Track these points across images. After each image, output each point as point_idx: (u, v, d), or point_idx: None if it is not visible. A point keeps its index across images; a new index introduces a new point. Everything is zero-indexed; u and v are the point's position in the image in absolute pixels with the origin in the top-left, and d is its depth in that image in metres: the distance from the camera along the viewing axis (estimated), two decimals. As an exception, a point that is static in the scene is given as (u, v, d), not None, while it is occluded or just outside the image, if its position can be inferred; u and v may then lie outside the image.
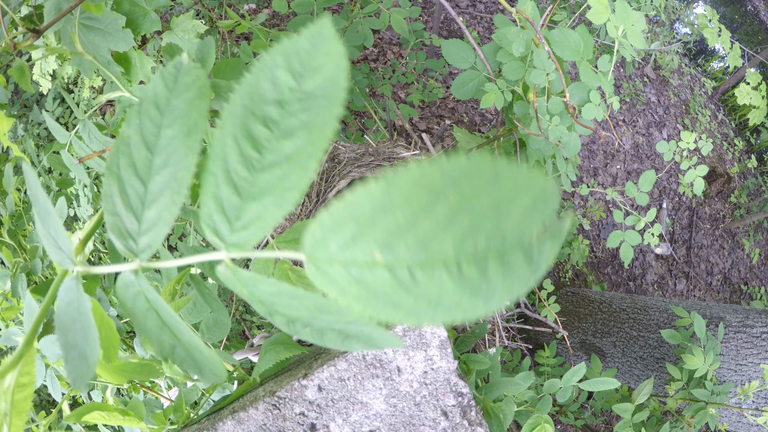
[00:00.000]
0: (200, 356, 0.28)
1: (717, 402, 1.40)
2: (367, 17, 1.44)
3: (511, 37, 1.00)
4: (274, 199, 0.25)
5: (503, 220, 0.20)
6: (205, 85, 0.27)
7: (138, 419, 0.67)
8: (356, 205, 0.22)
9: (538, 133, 1.05)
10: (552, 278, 3.00)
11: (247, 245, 0.26)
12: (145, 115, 0.28)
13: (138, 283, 0.29)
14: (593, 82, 1.05)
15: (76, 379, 0.28)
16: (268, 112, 0.25)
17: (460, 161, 0.21)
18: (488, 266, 0.21)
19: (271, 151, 0.25)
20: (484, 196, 0.20)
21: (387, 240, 0.22)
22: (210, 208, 0.26)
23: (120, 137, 0.28)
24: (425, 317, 0.22)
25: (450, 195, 0.21)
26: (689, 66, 4.37)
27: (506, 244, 0.21)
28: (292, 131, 0.25)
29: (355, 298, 0.23)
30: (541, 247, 0.20)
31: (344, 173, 1.38)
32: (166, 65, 0.28)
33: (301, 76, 0.24)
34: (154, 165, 0.28)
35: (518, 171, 0.20)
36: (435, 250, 0.21)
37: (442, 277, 0.21)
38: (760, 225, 3.88)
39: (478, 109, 3.15)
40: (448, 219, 0.21)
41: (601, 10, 0.98)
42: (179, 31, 0.75)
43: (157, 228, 0.28)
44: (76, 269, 0.30)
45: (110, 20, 0.62)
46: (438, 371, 0.67)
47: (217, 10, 2.11)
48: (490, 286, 0.21)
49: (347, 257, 0.23)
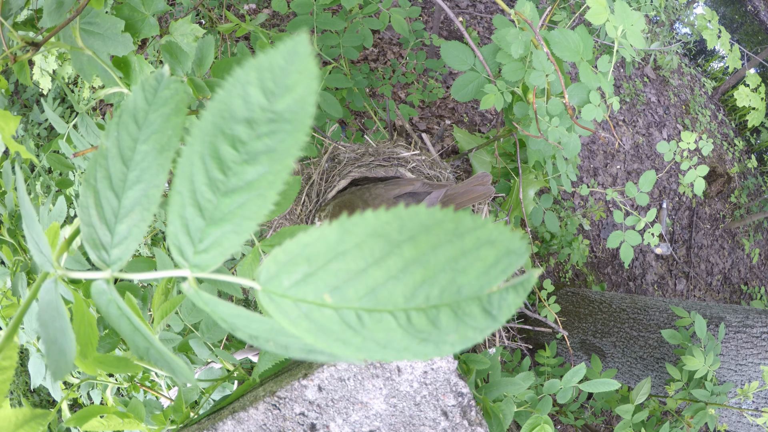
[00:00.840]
0: (171, 359, 0.29)
1: (717, 402, 1.40)
2: (366, 17, 1.44)
3: (510, 38, 1.00)
4: (233, 226, 0.26)
5: (460, 275, 0.20)
6: (182, 101, 0.27)
7: (138, 420, 0.67)
8: (310, 246, 0.23)
9: (538, 134, 1.05)
10: (552, 278, 3.00)
11: (209, 267, 0.27)
12: (124, 128, 0.28)
13: (110, 292, 0.30)
14: (593, 83, 1.05)
15: (56, 371, 0.29)
16: (238, 132, 0.25)
17: (421, 215, 0.21)
18: (440, 317, 0.21)
19: (235, 175, 0.25)
20: (442, 251, 0.21)
21: (337, 284, 0.22)
22: (176, 227, 0.26)
23: (99, 149, 0.28)
24: (375, 356, 0.22)
25: (405, 248, 0.21)
26: (689, 66, 4.37)
27: (461, 296, 0.21)
28: (256, 156, 0.25)
29: (305, 330, 0.23)
30: (502, 299, 0.20)
31: (344, 173, 1.38)
32: (148, 77, 0.28)
33: (273, 94, 0.24)
34: (128, 180, 0.28)
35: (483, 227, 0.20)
36: (384, 299, 0.22)
37: (390, 324, 0.22)
38: (760, 225, 3.88)
39: (478, 110, 3.15)
40: (400, 271, 0.21)
41: (600, 11, 0.98)
42: (178, 35, 0.76)
43: (128, 242, 0.29)
44: (56, 272, 0.31)
45: (109, 25, 0.62)
46: (438, 371, 0.67)
47: (217, 10, 2.11)
48: (441, 335, 0.21)
49: (298, 294, 0.23)
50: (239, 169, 0.25)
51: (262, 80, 0.24)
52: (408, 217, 0.21)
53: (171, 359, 0.29)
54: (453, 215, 0.20)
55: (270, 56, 0.24)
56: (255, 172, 0.25)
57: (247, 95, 0.24)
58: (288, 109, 0.24)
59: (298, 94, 0.24)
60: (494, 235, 0.20)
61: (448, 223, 0.20)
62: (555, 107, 1.06)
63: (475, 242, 0.20)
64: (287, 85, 0.24)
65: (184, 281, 0.27)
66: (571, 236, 2.78)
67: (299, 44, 0.23)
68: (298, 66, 0.23)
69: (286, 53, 0.23)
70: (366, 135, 1.59)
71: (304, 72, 0.23)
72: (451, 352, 0.21)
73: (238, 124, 0.25)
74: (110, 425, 0.63)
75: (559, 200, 3.11)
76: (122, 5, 0.69)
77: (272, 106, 0.24)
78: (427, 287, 0.21)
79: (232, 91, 0.24)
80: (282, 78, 0.24)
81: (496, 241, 0.20)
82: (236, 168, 0.25)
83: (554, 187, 1.32)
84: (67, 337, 0.30)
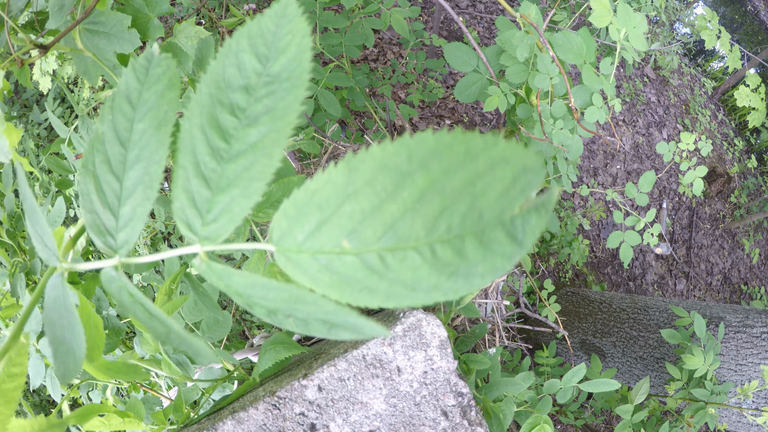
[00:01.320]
0: (192, 341, 0.28)
1: (717, 402, 1.40)
2: (367, 17, 1.44)
3: (516, 41, 1.00)
4: (242, 190, 0.25)
5: (479, 199, 0.19)
6: (175, 75, 0.27)
7: (137, 420, 0.67)
8: (319, 192, 0.22)
9: (543, 137, 1.05)
10: (552, 278, 3.00)
11: (219, 237, 0.26)
12: (118, 110, 0.27)
13: (119, 278, 0.29)
14: (596, 85, 1.05)
15: (65, 374, 0.28)
16: (236, 99, 0.24)
17: (428, 140, 0.20)
18: (465, 247, 0.20)
19: (237, 140, 0.25)
20: (456, 176, 0.19)
21: (353, 227, 0.21)
22: (182, 201, 0.26)
23: (94, 134, 0.28)
24: (404, 301, 0.21)
25: (417, 177, 0.20)
26: (689, 66, 4.37)
27: (484, 222, 0.19)
28: (257, 117, 0.24)
29: (328, 286, 0.22)
30: (526, 222, 0.19)
31: (344, 173, 1.38)
32: (138, 57, 0.27)
33: (266, 58, 0.24)
34: (128, 160, 0.27)
35: (495, 145, 0.19)
36: (404, 235, 0.20)
37: (415, 261, 0.21)
38: (760, 225, 3.88)
39: (478, 110, 3.15)
40: (416, 202, 0.20)
41: (604, 13, 0.98)
42: (182, 38, 0.75)
43: (133, 224, 0.28)
44: (62, 266, 0.30)
45: (115, 22, 0.62)
46: (438, 371, 0.67)
47: (218, 11, 2.11)
48: (469, 266, 0.20)
49: (314, 246, 0.22)
50: (241, 133, 0.24)
51: (254, 46, 0.24)
52: (415, 145, 0.20)
53: (192, 341, 0.28)
54: (461, 136, 0.19)
55: (259, 22, 0.23)
56: (258, 133, 0.24)
57: (241, 63, 0.24)
58: (284, 69, 0.23)
59: (292, 53, 0.23)
60: (508, 152, 0.19)
61: (458, 146, 0.19)
62: (558, 109, 1.06)
63: (489, 162, 0.19)
64: (280, 47, 0.23)
65: (195, 257, 0.26)
66: (571, 236, 2.78)
67: (287, 6, 0.23)
68: (288, 27, 0.23)
69: (274, 16, 0.23)
70: (366, 135, 1.58)
71: (295, 32, 0.23)
72: (481, 285, 0.20)
73: (235, 92, 0.24)
74: (110, 424, 0.63)
75: (559, 200, 3.11)
76: (125, 7, 0.69)
77: (267, 69, 0.24)
78: (448, 216, 0.20)
79: (226, 60, 0.24)
80: (274, 41, 0.23)
81: (511, 158, 0.19)
82: (237, 133, 0.24)
83: (555, 187, 1.32)
84: (75, 335, 0.29)
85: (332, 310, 0.25)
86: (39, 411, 2.20)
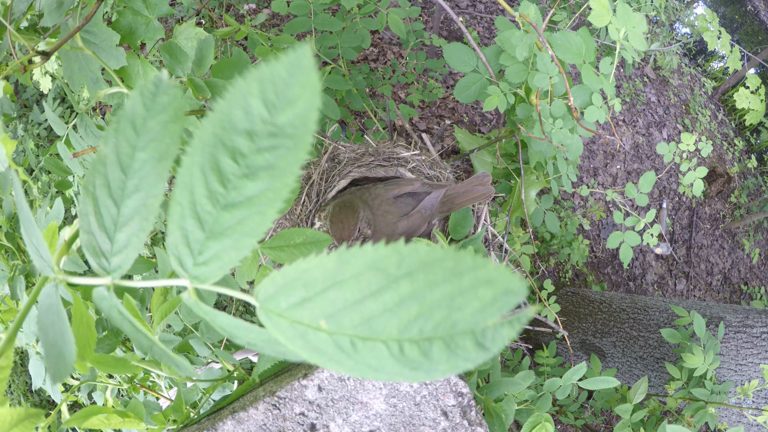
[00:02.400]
0: (172, 356, 0.30)
1: (717, 401, 1.40)
2: (364, 18, 1.44)
3: (515, 41, 1.00)
4: (233, 242, 0.26)
5: (455, 312, 0.21)
6: (180, 107, 0.27)
7: (138, 420, 0.67)
8: (309, 272, 0.23)
9: (542, 136, 1.05)
10: (552, 278, 3.00)
11: (209, 279, 0.27)
12: (122, 135, 0.27)
13: (110, 298, 0.30)
14: (595, 85, 1.05)
15: (55, 374, 0.29)
16: (238, 144, 0.24)
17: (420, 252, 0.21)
18: (432, 349, 0.21)
19: (235, 188, 0.25)
20: (438, 289, 0.21)
21: (333, 311, 0.23)
22: (176, 237, 0.26)
23: (97, 155, 0.28)
24: (367, 377, 0.23)
25: (402, 283, 0.21)
26: (689, 66, 4.37)
27: (455, 331, 0.21)
28: (257, 171, 0.25)
29: (300, 348, 0.24)
30: (497, 333, 0.21)
31: (344, 173, 1.38)
32: (146, 81, 0.27)
33: (274, 107, 0.24)
34: (127, 188, 0.28)
35: (483, 268, 0.20)
36: (378, 330, 0.22)
37: (382, 353, 0.22)
38: (760, 225, 3.88)
39: (478, 110, 3.15)
40: (396, 305, 0.22)
41: (603, 13, 0.98)
42: (182, 39, 0.75)
43: (128, 251, 0.29)
44: (57, 277, 0.31)
45: (105, 36, 0.62)
46: (438, 371, 0.67)
47: (218, 10, 2.11)
48: (432, 365, 0.22)
49: (294, 316, 0.24)
50: (239, 183, 0.25)
51: (264, 92, 0.24)
52: (407, 253, 0.21)
53: (172, 356, 0.30)
54: (453, 254, 0.21)
55: (272, 67, 0.23)
56: (255, 187, 0.25)
57: (249, 106, 0.24)
58: (289, 123, 0.24)
59: (299, 108, 0.23)
60: (493, 275, 0.20)
61: (447, 262, 0.21)
62: (558, 109, 1.06)
63: (473, 281, 0.21)
64: (289, 98, 0.23)
65: (185, 290, 0.27)
66: (571, 236, 2.78)
67: (302, 56, 0.23)
68: (300, 79, 0.23)
69: (288, 65, 0.23)
70: (366, 135, 1.59)
71: (306, 86, 0.23)
72: (440, 377, 0.22)
73: (239, 136, 0.24)
74: (111, 424, 0.63)
75: (559, 200, 3.11)
76: (125, 9, 0.69)
77: (273, 118, 0.24)
78: (422, 321, 0.21)
79: (234, 101, 0.24)
80: (284, 90, 0.23)
81: (495, 281, 0.20)
82: (236, 182, 0.25)
83: (555, 187, 1.33)
84: (66, 340, 0.30)
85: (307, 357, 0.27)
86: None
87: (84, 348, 0.39)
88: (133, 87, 0.74)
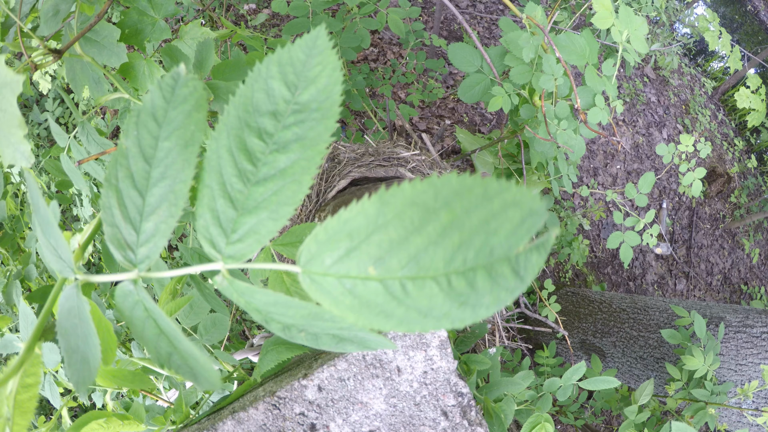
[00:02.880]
0: (196, 364, 0.29)
1: (717, 402, 1.40)
2: (364, 18, 1.44)
3: (522, 42, 1.00)
4: (269, 213, 0.26)
5: (492, 236, 0.21)
6: (202, 97, 0.27)
7: (138, 422, 0.67)
8: (351, 221, 0.23)
9: (547, 137, 1.06)
10: (552, 278, 3.00)
11: (243, 257, 0.27)
12: (143, 127, 0.28)
13: (137, 292, 0.29)
14: (598, 86, 1.05)
15: (79, 382, 0.29)
16: (263, 124, 0.25)
17: (453, 181, 0.22)
18: (477, 279, 0.22)
19: (265, 164, 0.25)
20: (475, 214, 0.21)
21: (380, 255, 0.23)
22: (206, 220, 0.26)
23: (118, 149, 0.28)
24: (415, 326, 0.23)
25: (442, 214, 0.22)
26: (689, 66, 4.37)
27: (494, 257, 0.22)
28: (287, 144, 0.25)
29: (348, 308, 0.24)
30: (528, 260, 0.21)
31: (344, 173, 1.38)
32: (163, 76, 0.28)
33: (295, 86, 0.24)
34: (152, 177, 0.28)
35: (509, 190, 0.21)
36: (426, 265, 0.22)
37: (432, 290, 0.22)
38: (760, 225, 3.88)
39: (478, 110, 3.15)
40: (439, 236, 0.22)
41: (606, 15, 0.98)
42: (188, 39, 0.75)
43: (155, 239, 0.28)
44: (78, 278, 0.30)
45: (106, 33, 0.62)
46: (438, 371, 0.67)
47: (218, 10, 2.11)
48: (478, 297, 0.22)
49: (341, 271, 0.24)
50: (269, 158, 0.25)
51: (284, 74, 0.24)
52: (441, 185, 0.22)
53: (195, 365, 0.28)
54: (481, 181, 0.21)
55: (289, 50, 0.24)
56: (287, 159, 0.25)
57: (270, 89, 0.25)
58: (313, 99, 0.24)
59: (321, 84, 0.24)
60: (518, 196, 0.21)
61: (477, 188, 0.21)
62: (563, 110, 1.06)
63: (502, 204, 0.21)
64: (310, 77, 0.24)
65: (217, 275, 0.27)
66: (571, 236, 2.78)
67: (318, 37, 0.24)
68: (319, 58, 0.24)
69: (305, 47, 0.24)
70: (366, 135, 1.58)
71: (325, 63, 0.24)
72: (485, 316, 0.22)
73: (263, 117, 0.25)
74: (110, 428, 0.63)
75: (559, 200, 3.11)
76: (130, 9, 0.69)
77: (296, 97, 0.24)
78: (464, 250, 0.22)
79: (255, 85, 0.25)
80: (304, 71, 0.24)
81: (521, 202, 0.21)
82: (265, 158, 0.25)
83: (555, 187, 1.33)
84: (90, 344, 0.29)
85: (347, 326, 0.27)
86: (39, 412, 2.20)
87: (106, 353, 0.38)
88: (139, 87, 0.74)
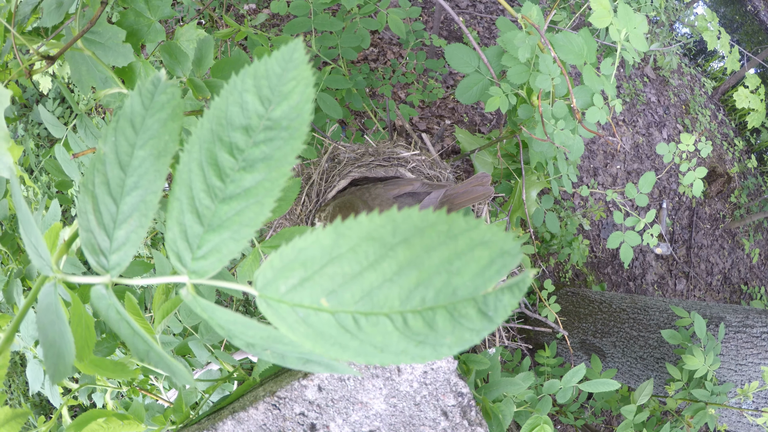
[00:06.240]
0: (170, 362, 0.29)
1: (717, 402, 1.40)
2: (364, 18, 1.44)
3: (518, 42, 1.00)
4: (231, 233, 0.26)
5: (455, 276, 0.21)
6: (179, 105, 0.27)
7: (137, 422, 0.67)
8: (306, 250, 0.23)
9: (544, 137, 1.05)
10: (552, 278, 3.00)
11: (206, 274, 0.26)
12: (121, 133, 0.27)
13: (109, 297, 0.29)
14: (597, 86, 1.05)
15: (54, 375, 0.29)
16: (235, 139, 0.25)
17: (414, 217, 0.21)
18: (436, 319, 0.21)
19: (233, 181, 0.25)
20: (436, 253, 0.21)
21: (333, 288, 0.22)
22: (174, 233, 0.26)
23: (96, 154, 0.28)
24: (373, 359, 0.23)
25: (399, 250, 0.21)
26: (689, 66, 4.37)
27: (457, 298, 0.21)
28: (254, 163, 0.25)
29: (303, 335, 0.23)
30: (498, 301, 0.20)
31: (344, 173, 1.38)
32: (144, 82, 0.27)
33: (269, 101, 0.24)
34: (126, 185, 0.28)
35: (476, 228, 0.20)
36: (380, 302, 0.22)
37: (386, 327, 0.22)
38: (760, 225, 3.88)
39: (478, 110, 3.15)
40: (395, 273, 0.21)
41: (604, 14, 0.98)
42: (184, 41, 0.75)
43: (126, 248, 0.28)
44: (55, 276, 0.31)
45: (111, 34, 0.62)
46: (438, 371, 0.67)
47: (218, 10, 2.11)
48: (437, 337, 0.21)
49: (295, 299, 0.23)
50: (237, 176, 0.25)
51: (259, 87, 0.24)
52: (401, 220, 0.21)
53: (170, 362, 0.29)
54: (446, 217, 0.20)
55: (265, 63, 0.24)
56: (252, 179, 0.25)
57: (244, 102, 0.24)
58: (284, 116, 0.24)
59: (294, 101, 0.24)
60: (488, 235, 0.20)
61: (441, 225, 0.21)
62: (560, 110, 1.06)
63: (468, 243, 0.20)
64: (283, 92, 0.24)
65: (183, 287, 0.27)
66: (571, 236, 2.78)
67: (295, 50, 0.23)
68: (294, 73, 0.23)
69: (281, 59, 0.23)
70: (366, 135, 1.59)
71: (299, 78, 0.23)
72: (448, 355, 0.21)
73: (236, 131, 0.24)
74: (110, 428, 0.63)
75: (559, 200, 3.11)
76: (128, 11, 0.69)
77: (269, 113, 0.24)
78: (423, 289, 0.21)
79: (229, 98, 0.24)
80: (278, 85, 0.24)
81: (490, 241, 0.20)
82: (234, 175, 0.25)
83: (555, 187, 1.33)
84: (65, 340, 0.30)
85: (308, 351, 0.27)
86: (39, 411, 2.20)
87: (83, 348, 0.39)
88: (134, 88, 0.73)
